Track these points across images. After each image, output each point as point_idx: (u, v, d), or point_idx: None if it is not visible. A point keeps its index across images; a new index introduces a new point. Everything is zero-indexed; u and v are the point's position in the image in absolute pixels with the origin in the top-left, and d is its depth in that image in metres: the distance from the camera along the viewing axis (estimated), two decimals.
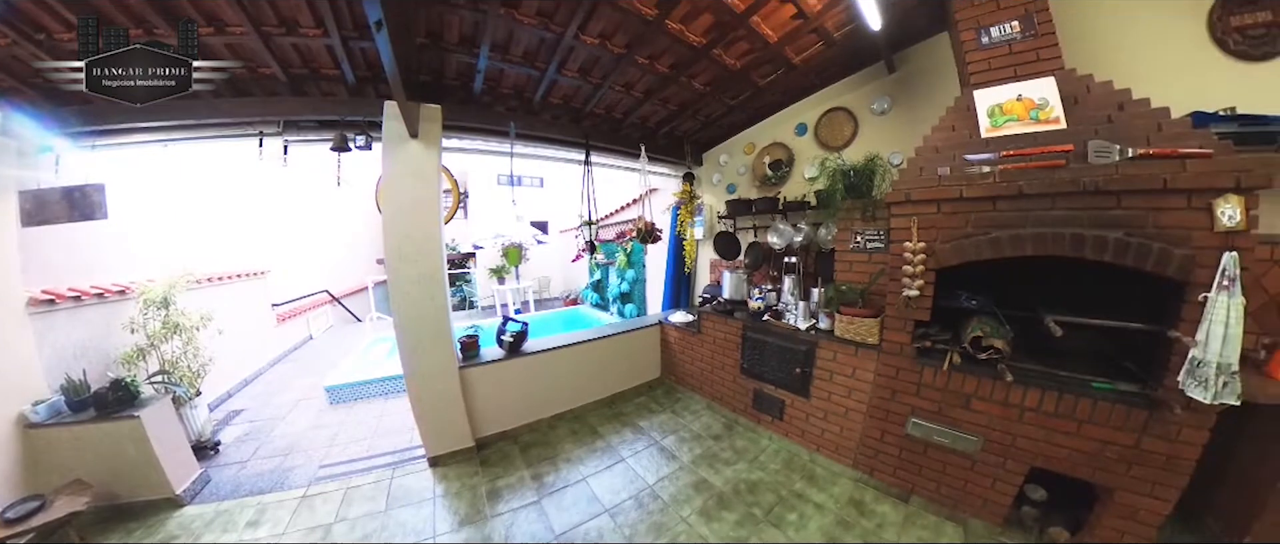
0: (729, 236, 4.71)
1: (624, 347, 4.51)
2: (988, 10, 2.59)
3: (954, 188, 2.57)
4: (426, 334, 3.19)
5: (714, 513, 2.74)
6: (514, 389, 3.69)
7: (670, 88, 3.66)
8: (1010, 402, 2.44)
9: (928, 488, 2.78)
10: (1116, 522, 2.22)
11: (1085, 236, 2.19)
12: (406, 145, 3.05)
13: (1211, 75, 2.48)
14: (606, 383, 4.36)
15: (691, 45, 3.12)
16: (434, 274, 3.19)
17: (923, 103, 3.34)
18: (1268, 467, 2.11)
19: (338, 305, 8.62)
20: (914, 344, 2.78)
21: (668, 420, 3.98)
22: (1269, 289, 2.09)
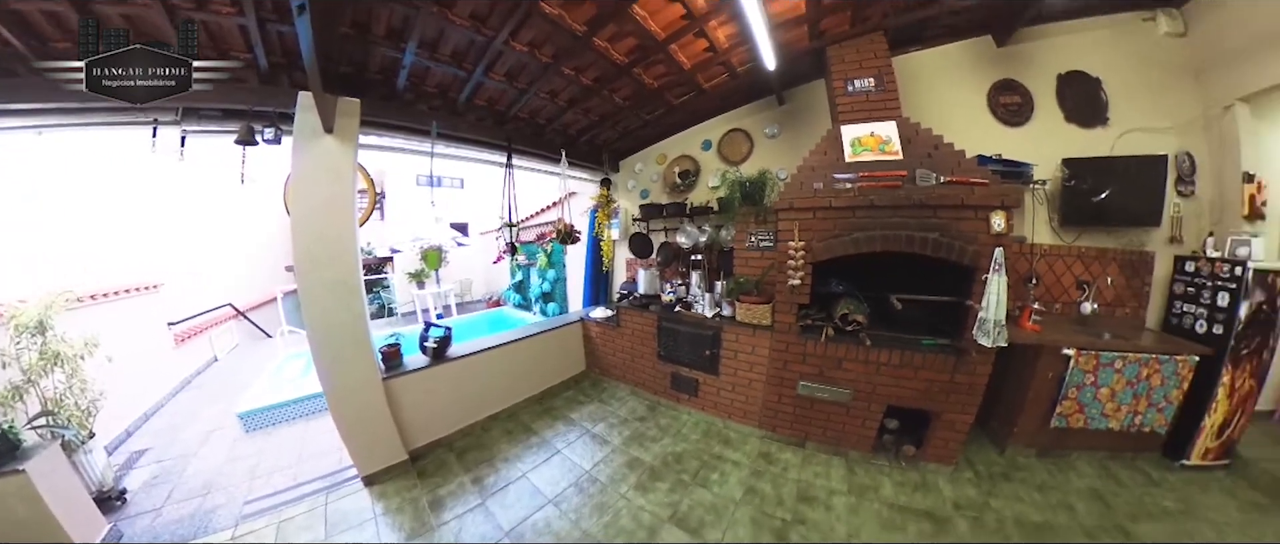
0: (643, 237, 5.13)
1: (549, 344, 4.62)
2: (853, 67, 3.39)
3: (826, 199, 3.25)
4: (344, 346, 2.93)
5: (648, 485, 3.05)
6: (443, 396, 3.61)
7: (593, 99, 3.88)
8: (869, 360, 3.21)
9: (817, 434, 3.49)
10: (943, 433, 3.15)
11: (915, 237, 3.01)
12: (320, 141, 2.80)
13: (988, 133, 3.69)
14: (535, 380, 4.44)
15: (615, 63, 3.33)
16: (349, 280, 2.96)
17: (804, 131, 4.11)
18: (1022, 386, 3.24)
19: (244, 320, 7.09)
20: (798, 323, 3.38)
21: (596, 409, 4.24)
22: (1017, 271, 3.18)
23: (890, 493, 2.91)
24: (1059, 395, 3.10)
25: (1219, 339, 2.97)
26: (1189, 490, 2.87)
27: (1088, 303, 3.46)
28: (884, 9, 3.24)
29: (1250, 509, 2.67)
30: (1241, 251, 2.92)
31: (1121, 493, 2.88)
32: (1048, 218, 3.66)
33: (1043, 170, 3.56)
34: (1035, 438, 3.27)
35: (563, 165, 4.26)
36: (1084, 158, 3.51)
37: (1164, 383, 3.00)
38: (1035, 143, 3.62)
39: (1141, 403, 3.05)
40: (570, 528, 2.65)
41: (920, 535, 2.53)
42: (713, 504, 2.82)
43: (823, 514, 2.71)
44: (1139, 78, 3.48)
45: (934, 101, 3.74)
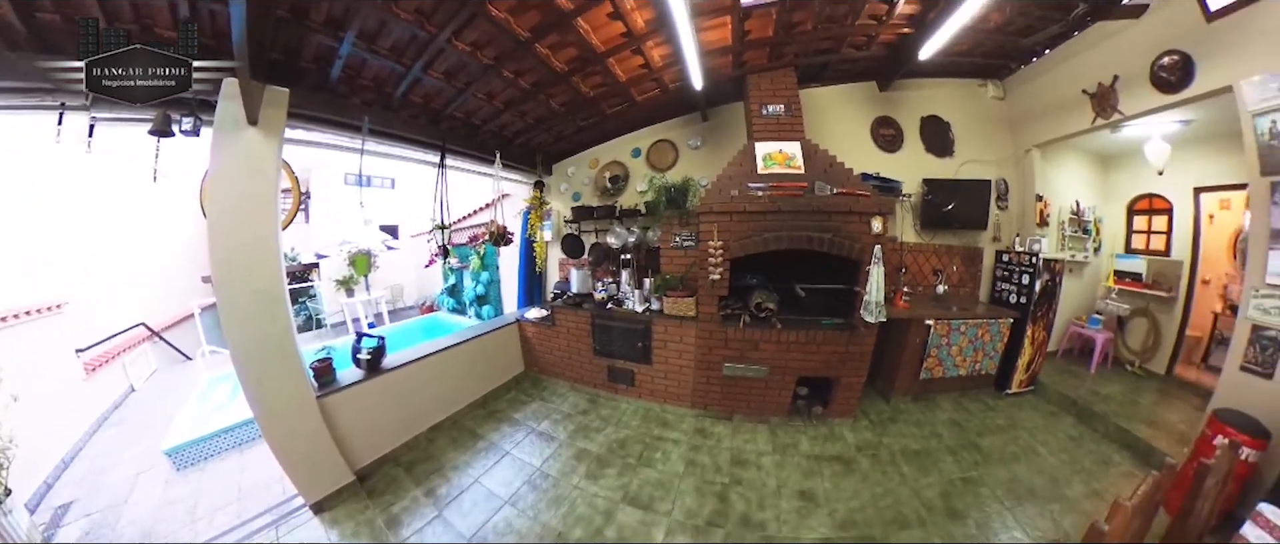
0: (575, 238, 5.32)
1: (486, 347, 4.53)
2: (767, 95, 3.98)
3: (741, 204, 3.74)
4: (272, 363, 2.68)
5: (597, 473, 3.16)
6: (383, 409, 3.43)
7: (530, 103, 3.98)
8: (781, 340, 3.78)
9: (742, 407, 3.99)
10: (843, 394, 3.85)
11: (814, 237, 3.65)
12: (243, 133, 2.55)
13: (870, 156, 4.70)
14: (476, 385, 4.37)
15: (555, 70, 3.43)
16: (273, 289, 2.66)
17: (723, 145, 4.64)
18: (898, 350, 4.10)
19: (160, 342, 5.63)
20: (719, 313, 3.81)
21: (539, 408, 4.29)
22: (891, 263, 3.96)
23: (807, 447, 3.49)
24: (924, 354, 4.07)
25: (1023, 306, 4.19)
26: (1012, 410, 4.11)
27: (941, 285, 4.59)
28: (796, 50, 3.86)
29: (1048, 417, 3.99)
30: (1036, 246, 4.18)
31: (970, 419, 3.97)
32: (912, 223, 4.75)
33: (909, 186, 4.64)
34: (910, 388, 4.21)
35: (497, 167, 4.28)
36: (937, 179, 4.67)
37: (992, 339, 4.16)
38: (904, 166, 4.69)
39: (979, 354, 4.18)
40: (530, 524, 2.73)
41: (834, 477, 3.11)
42: (659, 481, 3.08)
43: (755, 473, 3.16)
44: (975, 124, 4.89)
45: (830, 128, 4.57)
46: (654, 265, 4.51)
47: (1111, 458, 3.36)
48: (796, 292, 4.05)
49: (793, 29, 3.52)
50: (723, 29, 3.31)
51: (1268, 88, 2.62)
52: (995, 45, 4.13)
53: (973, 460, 3.32)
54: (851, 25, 3.59)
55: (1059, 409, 4.10)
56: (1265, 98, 2.63)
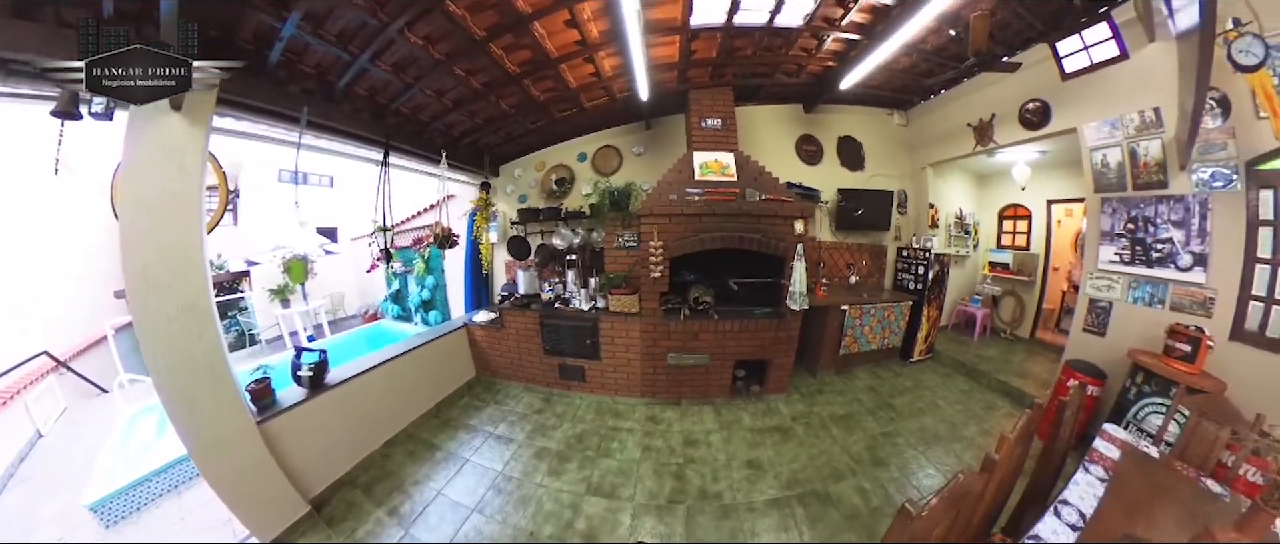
0: (521, 240, 5.22)
1: (435, 354, 4.28)
2: (707, 109, 4.29)
3: (680, 208, 4.01)
4: (202, 389, 2.32)
5: (559, 469, 3.16)
6: (331, 430, 3.10)
7: (480, 103, 3.88)
8: (718, 330, 4.07)
9: (688, 392, 4.20)
10: (776, 373, 4.23)
11: (745, 237, 4.02)
12: (165, 119, 2.16)
13: (794, 168, 5.28)
14: (427, 394, 4.12)
15: (507, 71, 3.39)
16: (199, 303, 2.29)
17: (665, 153, 4.89)
18: (820, 332, 4.61)
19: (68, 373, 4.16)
20: (661, 308, 4.05)
21: (495, 412, 4.15)
22: (811, 259, 4.37)
23: (749, 422, 3.79)
24: (842, 334, 4.65)
25: (920, 291, 4.99)
26: (916, 374, 4.90)
27: (853, 277, 5.30)
28: (735, 72, 4.21)
29: (944, 377, 4.82)
30: (928, 244, 5.02)
31: (883, 384, 4.64)
32: (829, 225, 5.40)
33: (826, 194, 5.29)
34: (832, 363, 4.76)
35: (443, 167, 4.10)
36: (850, 188, 5.39)
37: (896, 318, 4.90)
38: (822, 177, 5.34)
39: (887, 331, 4.89)
40: (500, 528, 2.68)
41: (775, 446, 3.41)
42: (619, 469, 3.16)
43: (706, 450, 3.37)
44: (882, 145, 5.71)
45: (760, 142, 5.04)
46: (598, 265, 4.60)
47: (995, 404, 4.20)
48: (730, 286, 4.41)
49: (734, 53, 3.82)
50: (671, 47, 3.53)
51: (1101, 131, 3.55)
52: (903, 83, 4.87)
53: (888, 418, 3.89)
54: (785, 55, 3.99)
55: (952, 370, 5.00)
56: (1099, 138, 3.57)
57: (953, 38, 3.54)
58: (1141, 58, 3.27)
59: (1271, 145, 2.59)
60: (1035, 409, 1.99)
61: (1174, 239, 3.14)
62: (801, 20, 3.35)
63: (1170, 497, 1.74)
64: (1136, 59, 3.30)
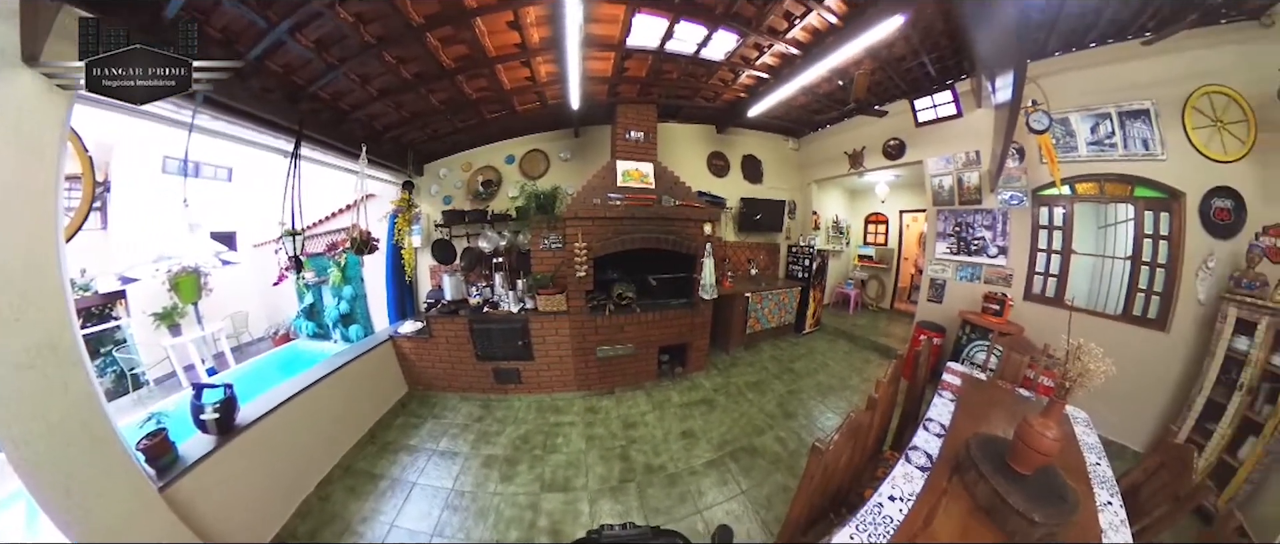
0: (446, 243, 4.90)
1: (361, 373, 3.78)
2: (632, 122, 4.50)
3: (602, 211, 4.19)
4: (78, 459, 1.70)
5: (510, 473, 3.06)
6: (254, 479, 2.56)
7: (408, 94, 3.51)
8: (641, 321, 4.31)
9: (620, 381, 4.35)
10: (695, 354, 4.61)
11: (661, 238, 4.35)
12: (12, 77, 1.47)
13: (705, 179, 5.80)
14: (359, 419, 3.65)
15: (442, 64, 3.18)
16: (60, 340, 1.65)
17: (590, 160, 4.99)
18: (729, 316, 5.10)
19: None
20: (588, 305, 4.16)
21: (434, 427, 3.78)
22: (718, 256, 4.79)
23: (678, 399, 4.09)
24: (747, 317, 5.27)
25: (806, 278, 5.89)
26: (808, 343, 5.85)
27: (754, 269, 6.10)
28: (660, 92, 4.48)
29: (830, 342, 5.90)
30: (813, 242, 6.00)
31: (784, 353, 5.42)
32: (733, 227, 6.05)
33: (731, 202, 5.91)
34: (740, 341, 5.35)
35: (362, 162, 3.63)
36: (751, 198, 6.11)
37: (790, 300, 5.73)
38: (728, 187, 5.98)
39: (783, 311, 5.70)
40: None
41: (703, 416, 3.76)
42: (568, 461, 3.18)
43: (644, 430, 3.54)
44: (778, 164, 6.62)
45: (677, 155, 5.46)
46: (525, 267, 4.52)
47: (870, 358, 5.31)
48: (649, 281, 4.67)
49: (661, 75, 4.07)
50: (606, 62, 3.67)
51: (939, 164, 4.79)
52: (798, 116, 5.83)
53: (791, 379, 4.56)
54: (705, 83, 4.39)
55: (836, 337, 6.15)
56: (938, 168, 4.81)
57: (840, 87, 4.45)
58: (971, 117, 4.51)
59: (1048, 180, 3.83)
60: (899, 358, 2.67)
61: (985, 237, 4.42)
62: (723, 56, 3.78)
63: (998, 404, 2.36)
64: (968, 117, 4.54)
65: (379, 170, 4.33)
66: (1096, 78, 3.53)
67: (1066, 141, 3.76)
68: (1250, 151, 2.99)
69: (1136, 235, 3.58)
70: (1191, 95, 3.15)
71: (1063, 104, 3.68)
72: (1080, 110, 3.66)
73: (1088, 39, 3.48)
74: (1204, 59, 3.07)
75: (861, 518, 1.43)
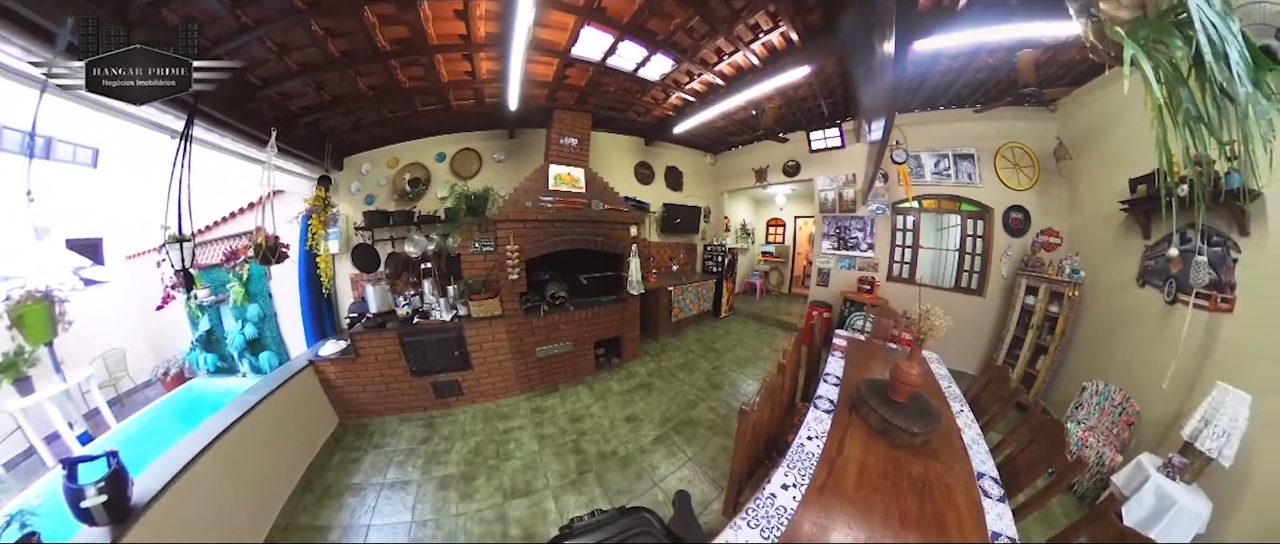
0: (368, 248, 4.27)
1: (282, 411, 3.11)
2: (567, 129, 4.47)
3: (534, 214, 4.19)
4: None
5: (469, 491, 2.87)
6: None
7: (333, 73, 3.02)
8: (576, 319, 4.36)
9: (562, 377, 4.33)
10: (628, 345, 4.82)
11: (591, 239, 4.48)
12: None
13: (632, 186, 6.11)
14: (289, 466, 3.02)
15: (376, 45, 2.82)
16: None
17: (524, 162, 4.81)
18: (655, 308, 5.47)
19: None
20: (522, 307, 4.09)
21: (377, 458, 3.28)
22: (643, 255, 5.01)
23: (618, 388, 4.24)
24: (671, 307, 5.67)
25: (720, 272, 6.56)
26: (726, 325, 6.59)
27: (675, 266, 6.60)
28: (596, 102, 4.51)
29: (743, 323, 6.73)
30: (724, 242, 6.73)
31: (706, 336, 6.01)
32: (656, 229, 6.42)
33: (654, 207, 6.27)
34: (667, 329, 5.73)
35: (271, 150, 2.92)
36: (672, 203, 6.57)
37: (707, 291, 6.39)
38: (653, 194, 6.34)
39: (702, 300, 6.31)
40: None
41: (643, 399, 4.01)
42: (525, 465, 3.10)
43: (592, 421, 3.62)
44: (697, 175, 7.23)
45: (607, 163, 5.59)
46: (455, 272, 4.23)
47: (776, 333, 6.22)
48: (581, 281, 4.74)
49: (599, 86, 4.11)
50: (548, 67, 3.64)
51: (826, 182, 5.85)
52: (716, 136, 6.55)
53: (714, 357, 5.09)
54: (639, 98, 4.57)
55: (747, 319, 6.98)
56: (824, 186, 5.87)
57: (753, 115, 5.15)
58: (852, 149, 5.64)
59: (903, 197, 5.18)
60: (799, 331, 3.32)
61: (859, 237, 5.65)
62: (658, 77, 4.01)
63: (876, 356, 2.96)
64: (849, 148, 5.69)
65: (291, 161, 3.66)
66: (941, 130, 4.89)
67: (917, 170, 5.07)
68: (1035, 184, 4.50)
69: (962, 235, 5.06)
70: (1001, 147, 4.63)
71: (917, 145, 5.00)
72: (928, 150, 5.02)
73: (939, 104, 4.84)
74: (1010, 126, 4.51)
75: (790, 457, 1.71)
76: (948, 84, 4.31)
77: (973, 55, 3.63)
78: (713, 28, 3.31)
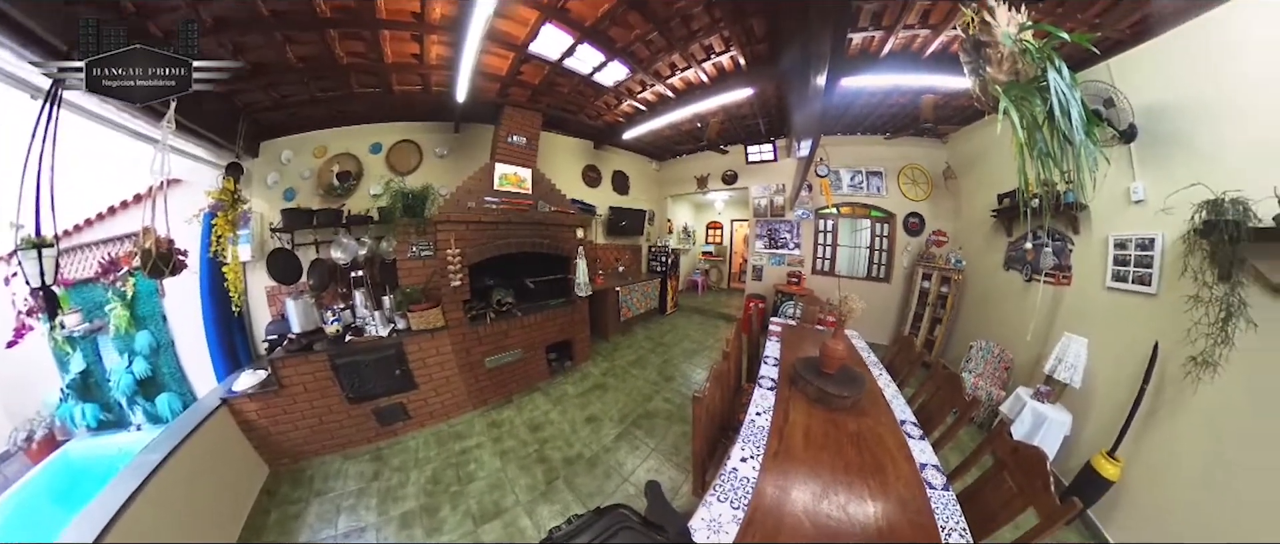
0: (287, 254, 3.63)
1: (193, 470, 2.37)
2: (516, 126, 4.21)
3: (477, 215, 3.90)
4: None
5: (435, 524, 2.58)
6: None
7: (257, 35, 2.52)
8: (524, 324, 4.15)
9: (515, 387, 4.07)
10: (579, 347, 4.72)
11: (538, 242, 4.33)
12: None
13: (579, 189, 6.10)
14: (217, 529, 2.40)
15: (314, 10, 2.43)
16: None
17: (468, 159, 4.43)
18: (604, 309, 5.47)
19: None
20: (467, 315, 3.74)
21: (322, 508, 2.71)
22: (590, 257, 4.94)
23: (573, 391, 4.14)
24: (619, 307, 5.71)
25: (664, 272, 6.80)
26: (671, 321, 6.82)
27: (621, 267, 6.60)
28: (549, 101, 4.35)
29: (688, 317, 7.06)
30: (668, 243, 7.07)
31: (654, 332, 6.15)
32: (602, 231, 6.38)
33: (601, 209, 6.27)
34: (617, 328, 5.75)
35: (168, 124, 2.10)
36: (618, 206, 6.60)
37: (653, 289, 6.60)
38: (598, 197, 6.36)
39: (648, 299, 6.48)
40: None
41: (600, 399, 3.96)
42: (490, 485, 2.86)
43: (552, 428, 3.48)
44: (643, 180, 7.39)
45: (555, 164, 5.45)
46: (391, 280, 3.71)
47: (719, 324, 6.63)
48: (527, 285, 4.54)
49: (553, 86, 3.98)
50: (504, 60, 3.43)
51: (759, 190, 6.48)
52: (662, 144, 6.80)
53: (664, 351, 5.27)
54: (592, 102, 4.52)
55: (692, 313, 7.38)
56: (758, 193, 6.50)
57: (698, 127, 5.50)
58: (783, 162, 6.29)
59: (825, 204, 6.06)
60: (738, 321, 3.67)
61: (787, 238, 6.36)
62: (612, 83, 4.00)
63: (806, 338, 3.26)
64: (781, 162, 6.33)
65: (193, 141, 2.94)
66: (858, 151, 5.82)
67: (837, 183, 5.95)
68: (928, 196, 5.54)
69: (872, 235, 6.04)
70: (903, 167, 5.63)
71: (837, 162, 5.92)
72: (846, 166, 5.92)
73: (858, 130, 5.67)
74: (911, 151, 5.56)
75: (744, 433, 1.85)
76: (866, 115, 5.10)
77: (888, 94, 4.35)
78: (670, 43, 3.43)
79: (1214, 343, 1.92)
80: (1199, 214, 2.00)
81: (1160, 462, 2.20)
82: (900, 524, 1.38)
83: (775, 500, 1.45)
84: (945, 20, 2.88)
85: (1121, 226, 2.66)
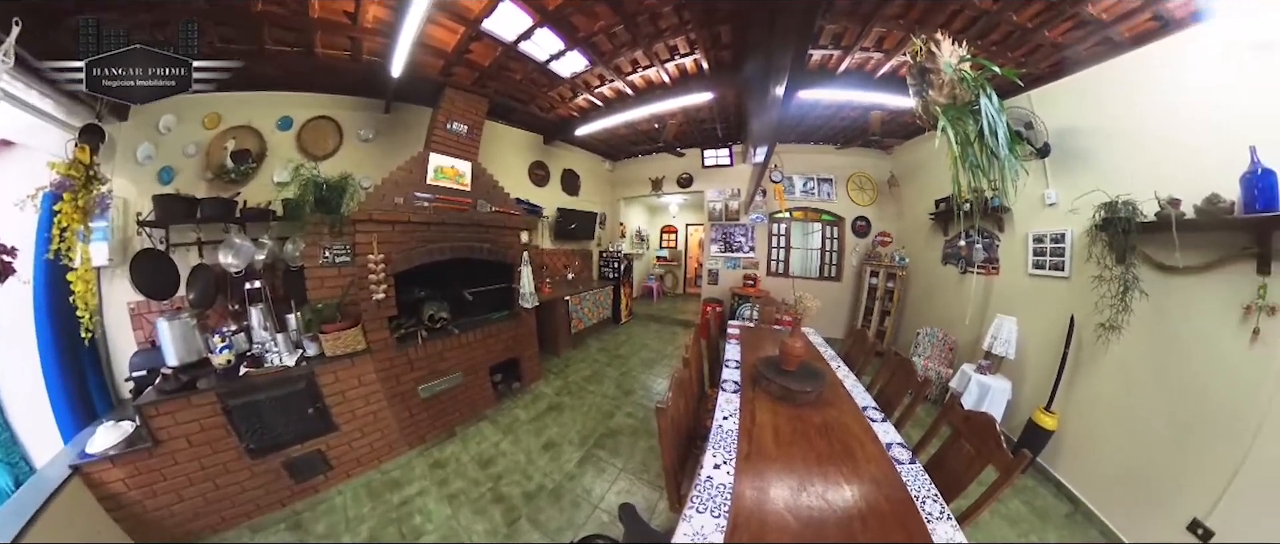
0: (160, 257, 2.87)
1: None
2: (457, 112, 3.81)
3: (405, 214, 3.40)
4: None
5: None
6: None
7: None
8: (462, 343, 3.73)
9: (458, 417, 3.60)
10: (527, 365, 4.41)
11: (476, 246, 3.92)
12: None
13: (525, 188, 5.94)
14: None
15: None
16: None
17: (398, 146, 3.98)
18: (553, 321, 5.25)
19: None
20: (394, 335, 3.19)
21: None
22: (536, 263, 4.63)
23: (525, 415, 3.83)
24: (570, 318, 5.51)
25: (617, 278, 6.95)
26: (627, 330, 6.74)
27: (571, 274, 6.39)
28: (498, 87, 4.06)
29: (644, 325, 7.05)
30: (621, 248, 7.08)
31: (609, 343, 6.00)
32: (549, 235, 6.17)
33: (548, 211, 6.05)
34: (568, 342, 5.53)
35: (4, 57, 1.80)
36: (567, 208, 6.43)
37: (606, 298, 6.56)
38: (547, 197, 6.14)
39: (601, 308, 6.33)
40: None
41: (556, 421, 3.72)
42: (442, 534, 2.51)
43: (506, 461, 3.13)
44: (594, 180, 7.24)
45: (500, 158, 5.18)
46: (297, 293, 3.04)
47: (677, 331, 6.70)
48: (464, 296, 4.06)
49: (503, 70, 3.73)
50: (452, 35, 3.13)
51: (715, 194, 6.76)
52: (617, 144, 6.81)
53: (620, 363, 5.16)
54: (545, 93, 4.33)
55: (648, 321, 7.38)
56: (713, 197, 6.79)
57: (655, 128, 5.65)
58: (738, 168, 6.51)
59: (778, 209, 6.49)
60: (696, 327, 3.58)
61: (742, 241, 6.62)
62: (569, 74, 3.88)
63: (765, 338, 3.42)
64: (737, 167, 6.56)
65: (36, 88, 2.23)
66: (810, 159, 6.34)
67: (790, 188, 6.43)
68: (874, 202, 6.23)
69: (823, 238, 6.63)
70: (852, 174, 6.25)
71: (791, 168, 6.39)
72: (799, 173, 6.42)
73: (811, 140, 6.18)
74: (860, 160, 6.20)
75: (713, 439, 1.86)
76: (820, 126, 5.63)
77: (841, 108, 4.85)
78: (635, 39, 3.43)
79: (1117, 311, 2.54)
80: (1099, 213, 2.64)
81: (1087, 409, 2.83)
82: (877, 501, 1.48)
83: (755, 502, 1.47)
84: (897, 47, 3.31)
85: (1038, 225, 3.36)
